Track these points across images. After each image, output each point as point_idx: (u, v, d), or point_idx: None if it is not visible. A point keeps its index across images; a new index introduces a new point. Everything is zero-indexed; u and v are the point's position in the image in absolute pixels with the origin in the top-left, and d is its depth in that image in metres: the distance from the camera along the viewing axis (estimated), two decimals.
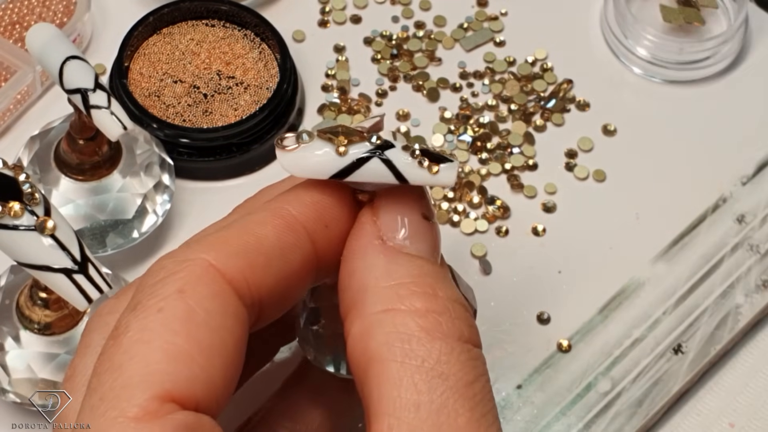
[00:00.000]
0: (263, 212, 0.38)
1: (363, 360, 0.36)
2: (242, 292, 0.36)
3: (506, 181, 0.60)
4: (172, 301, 0.35)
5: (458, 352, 0.36)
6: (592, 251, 0.58)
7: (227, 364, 0.35)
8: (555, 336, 0.55)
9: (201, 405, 0.34)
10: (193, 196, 0.59)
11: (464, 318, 0.37)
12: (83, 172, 0.54)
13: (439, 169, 0.37)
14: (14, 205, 0.41)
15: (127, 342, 0.35)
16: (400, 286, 0.36)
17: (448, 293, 0.37)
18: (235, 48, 0.61)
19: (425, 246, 0.38)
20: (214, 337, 0.35)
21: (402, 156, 0.37)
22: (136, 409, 0.33)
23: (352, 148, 0.37)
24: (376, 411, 0.35)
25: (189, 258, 0.36)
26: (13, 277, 0.51)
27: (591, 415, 0.53)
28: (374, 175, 0.37)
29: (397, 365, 0.35)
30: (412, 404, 0.35)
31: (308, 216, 0.38)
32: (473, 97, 0.62)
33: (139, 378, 0.34)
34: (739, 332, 0.55)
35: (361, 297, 0.37)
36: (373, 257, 0.37)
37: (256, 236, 0.37)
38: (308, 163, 0.38)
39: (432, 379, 0.35)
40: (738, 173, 0.60)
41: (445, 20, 0.65)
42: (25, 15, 0.62)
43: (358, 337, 0.36)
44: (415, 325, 0.36)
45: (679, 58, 0.62)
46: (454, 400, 0.35)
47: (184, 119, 0.59)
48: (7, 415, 0.52)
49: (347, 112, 0.61)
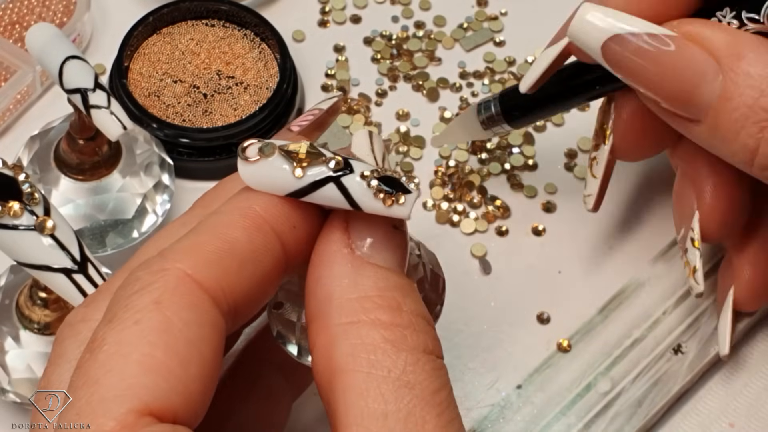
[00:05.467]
0: (231, 213, 0.38)
1: (328, 371, 0.36)
2: (218, 299, 0.36)
3: (506, 180, 0.60)
4: (149, 312, 0.35)
5: (423, 363, 0.36)
6: (592, 251, 0.58)
7: (205, 374, 0.35)
8: (555, 336, 0.55)
9: (179, 417, 0.34)
10: (193, 196, 0.58)
11: (427, 331, 0.37)
12: (83, 172, 0.54)
13: (393, 201, 0.37)
14: (14, 204, 0.41)
15: (103, 355, 0.34)
16: (366, 299, 0.37)
17: (412, 307, 0.37)
18: (234, 48, 0.61)
19: (392, 257, 0.38)
20: (192, 348, 0.35)
21: (358, 184, 0.37)
22: (113, 423, 0.33)
23: (309, 170, 0.37)
24: (343, 421, 0.35)
25: (164, 268, 0.36)
26: (12, 276, 0.51)
27: (591, 415, 0.53)
28: (329, 200, 0.37)
29: (363, 375, 0.35)
30: (379, 413, 0.35)
31: (275, 216, 0.38)
32: (473, 97, 0.62)
33: (116, 392, 0.34)
34: (739, 332, 0.55)
35: (326, 307, 0.37)
36: (339, 266, 0.37)
37: (227, 241, 0.37)
38: (266, 179, 0.38)
39: (399, 389, 0.35)
40: None
41: (445, 20, 0.65)
42: (24, 15, 0.62)
43: (323, 348, 0.36)
44: (380, 336, 0.36)
45: None
46: (420, 408, 0.35)
47: (184, 119, 0.59)
48: (7, 415, 0.52)
49: (347, 112, 0.61)
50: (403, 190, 0.37)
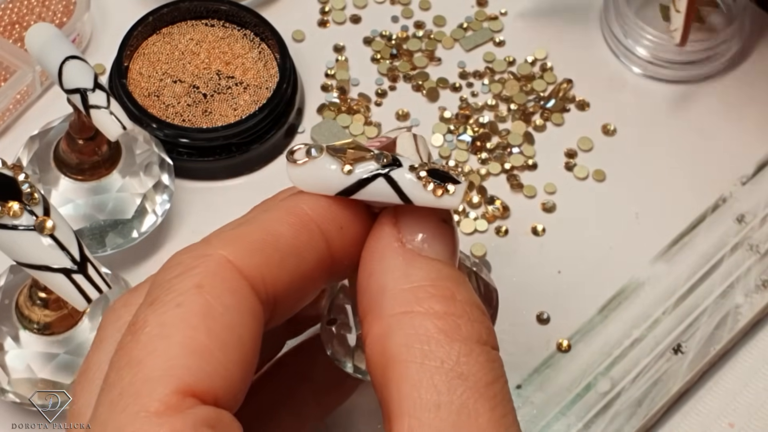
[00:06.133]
0: (279, 210, 0.38)
1: (382, 361, 0.36)
2: (258, 288, 0.36)
3: (506, 180, 0.60)
4: (191, 296, 0.35)
5: (477, 354, 0.36)
6: (592, 251, 0.58)
7: (244, 360, 0.35)
8: (555, 336, 0.55)
9: (220, 400, 0.34)
10: (193, 196, 0.59)
11: (482, 321, 0.37)
12: (83, 172, 0.54)
13: (444, 191, 0.37)
14: (13, 204, 0.41)
15: (145, 337, 0.34)
16: (419, 288, 0.36)
17: (466, 297, 0.37)
18: (234, 48, 0.61)
19: (443, 249, 0.38)
20: (232, 333, 0.35)
21: (408, 177, 0.37)
22: (158, 404, 0.33)
23: (358, 167, 0.37)
24: (396, 412, 0.35)
25: (206, 253, 0.36)
26: (12, 276, 0.51)
27: (590, 415, 0.53)
28: (379, 195, 0.37)
29: (416, 366, 0.35)
30: (432, 404, 0.35)
31: (323, 216, 0.38)
32: (473, 97, 0.62)
33: (159, 372, 0.34)
34: (739, 332, 0.55)
35: (379, 299, 0.37)
36: (391, 259, 0.37)
37: (272, 233, 0.37)
38: (315, 180, 0.38)
39: (452, 380, 0.35)
40: (738, 173, 0.60)
41: (444, 20, 0.65)
42: (24, 15, 0.62)
43: (376, 338, 0.36)
44: (433, 326, 0.36)
45: (678, 57, 0.62)
46: (474, 400, 0.35)
47: (184, 119, 0.59)
48: (7, 415, 0.52)
49: (347, 112, 0.61)
50: (452, 180, 0.37)
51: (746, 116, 0.62)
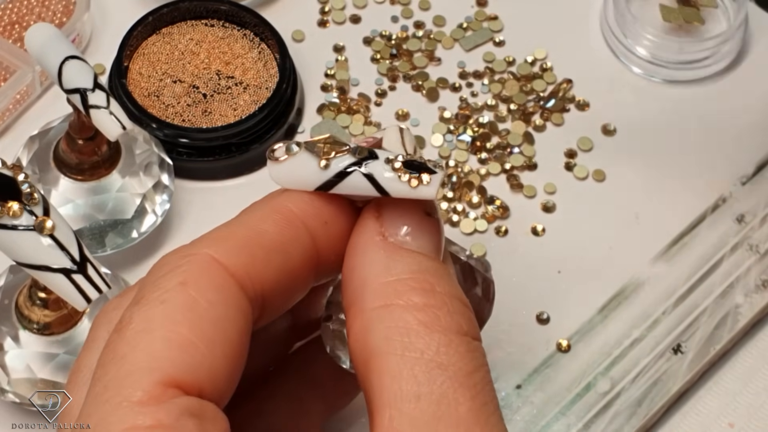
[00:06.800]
0: (263, 208, 0.38)
1: (364, 355, 0.36)
2: (245, 285, 0.37)
3: (506, 181, 0.60)
4: (175, 293, 0.36)
5: (457, 344, 0.36)
6: (591, 251, 0.58)
7: (230, 355, 0.36)
8: (554, 336, 0.55)
9: (205, 393, 0.35)
10: (193, 196, 0.59)
11: (462, 312, 0.37)
12: (82, 172, 0.54)
13: (419, 182, 0.37)
14: (13, 204, 0.41)
15: (130, 333, 0.35)
16: (399, 281, 0.37)
17: (446, 289, 0.37)
18: (234, 48, 0.61)
19: (427, 242, 0.38)
20: (217, 328, 0.35)
21: (383, 169, 0.37)
22: (140, 393, 0.34)
23: (335, 161, 0.38)
24: (378, 403, 0.35)
25: (191, 252, 0.37)
26: (12, 277, 0.51)
27: (590, 415, 0.53)
28: (358, 189, 0.37)
29: (396, 358, 0.35)
30: (412, 395, 0.35)
31: (307, 212, 0.38)
32: (473, 97, 0.62)
33: (142, 365, 0.34)
34: (739, 332, 0.55)
35: (360, 293, 0.37)
36: (373, 253, 0.37)
37: (257, 231, 0.37)
38: (294, 176, 0.38)
39: (431, 370, 0.35)
40: (738, 173, 0.60)
41: (444, 20, 0.65)
42: (24, 15, 0.62)
43: (358, 332, 0.37)
44: (413, 319, 0.36)
45: (678, 57, 0.62)
46: (453, 390, 0.35)
47: (184, 119, 0.59)
48: (7, 415, 0.52)
49: (347, 111, 0.61)
50: (427, 170, 0.37)
51: (746, 116, 0.62)
